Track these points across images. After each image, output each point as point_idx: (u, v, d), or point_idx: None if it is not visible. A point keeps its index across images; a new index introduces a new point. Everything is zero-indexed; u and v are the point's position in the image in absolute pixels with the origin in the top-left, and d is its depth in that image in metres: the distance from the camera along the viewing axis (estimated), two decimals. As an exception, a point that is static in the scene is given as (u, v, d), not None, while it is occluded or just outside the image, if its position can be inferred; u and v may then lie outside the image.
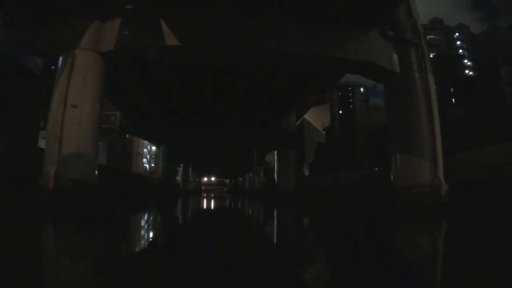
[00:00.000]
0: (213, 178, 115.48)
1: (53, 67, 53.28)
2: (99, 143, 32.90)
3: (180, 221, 10.19)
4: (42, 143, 16.25)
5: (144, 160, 61.93)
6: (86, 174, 9.73)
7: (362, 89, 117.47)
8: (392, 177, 12.09)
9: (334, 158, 34.61)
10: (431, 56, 78.04)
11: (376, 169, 18.21)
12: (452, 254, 4.58)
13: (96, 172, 10.33)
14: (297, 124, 33.22)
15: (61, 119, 9.91)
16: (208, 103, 26.18)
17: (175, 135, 29.85)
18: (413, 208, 11.01)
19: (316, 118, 53.41)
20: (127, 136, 44.78)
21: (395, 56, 12.72)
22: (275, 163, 61.82)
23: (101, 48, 10.95)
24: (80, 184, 9.34)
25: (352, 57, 11.92)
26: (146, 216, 11.30)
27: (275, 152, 58.46)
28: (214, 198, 35.08)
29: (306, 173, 46.96)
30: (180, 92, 23.57)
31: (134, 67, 19.94)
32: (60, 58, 11.08)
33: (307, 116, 48.25)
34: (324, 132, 49.79)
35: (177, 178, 57.04)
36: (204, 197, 38.44)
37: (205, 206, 19.03)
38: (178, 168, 51.95)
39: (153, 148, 53.29)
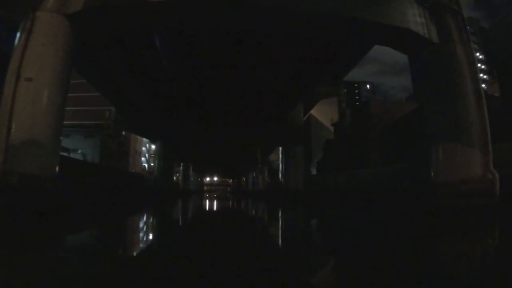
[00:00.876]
0: (215, 178, 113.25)
1: None
2: (92, 140, 30.67)
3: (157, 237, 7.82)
4: None
5: (143, 159, 59.72)
6: (40, 167, 7.47)
7: (368, 86, 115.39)
8: (432, 173, 9.73)
9: (345, 155, 32.23)
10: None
11: (403, 165, 15.87)
12: None
13: (57, 166, 8.02)
14: (304, 118, 30.93)
15: (12, 96, 7.69)
16: (207, 93, 23.98)
17: (172, 130, 27.65)
18: (463, 211, 8.69)
19: (323, 114, 50.99)
20: (123, 133, 42.64)
21: (432, 24, 10.41)
22: (280, 161, 59.39)
23: (67, 9, 8.71)
24: (31, 180, 7.09)
25: (387, 22, 9.60)
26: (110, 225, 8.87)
27: (280, 149, 56.19)
28: (216, 198, 32.83)
29: (313, 171, 44.64)
30: (175, 81, 21.39)
31: (122, 52, 17.80)
32: (20, 25, 8.88)
33: (313, 112, 45.92)
34: (332, 128, 47.47)
35: (179, 177, 55.18)
36: (206, 197, 36.15)
37: (203, 210, 16.77)
38: (179, 167, 49.81)
39: (153, 146, 51.13)
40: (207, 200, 26.67)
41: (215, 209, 16.46)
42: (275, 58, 18.25)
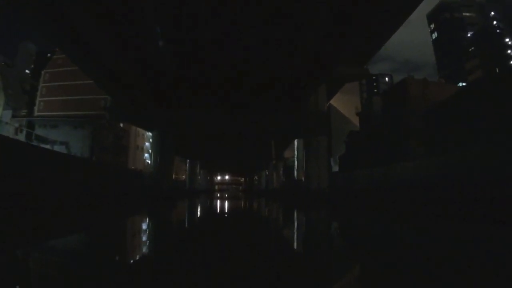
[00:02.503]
0: (227, 177, 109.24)
1: (48, 54, 47.45)
2: (82, 132, 26.62)
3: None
4: None
5: (146, 155, 55.70)
6: None
7: (387, 78, 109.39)
8: None
9: (376, 148, 27.58)
10: (469, 35, 69.82)
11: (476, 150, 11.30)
12: None
13: None
14: (327, 104, 26.33)
15: None
16: (213, 74, 19.67)
17: (172, 118, 23.41)
18: None
19: (343, 104, 46.33)
20: (121, 125, 38.69)
21: None
22: (295, 158, 54.59)
23: None
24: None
25: None
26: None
27: (296, 145, 51.35)
28: (226, 199, 28.47)
29: (335, 168, 39.97)
30: (174, 59, 17.33)
31: (111, 28, 14.29)
32: None
33: (332, 102, 41.28)
34: (353, 120, 42.69)
35: (182, 176, 51.05)
36: (213, 199, 31.79)
37: (204, 222, 12.48)
38: (185, 164, 45.72)
39: None
40: (212, 204, 22.37)
41: (214, 224, 12.10)
42: (294, 24, 13.94)
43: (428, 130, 22.83)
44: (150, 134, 46.81)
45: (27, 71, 60.03)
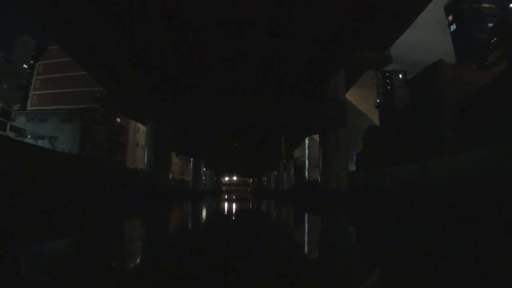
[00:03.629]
0: (234, 178, 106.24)
1: (50, 47, 45.03)
2: (71, 125, 23.86)
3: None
4: None
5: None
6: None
7: (400, 75, 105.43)
8: None
9: (399, 143, 24.35)
10: (490, 26, 66.26)
11: None
12: None
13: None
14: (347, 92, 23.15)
15: None
16: (216, 58, 16.80)
17: (169, 108, 20.51)
18: None
19: (357, 99, 43.01)
20: (118, 120, 35.99)
21: None
22: (306, 157, 51.42)
23: None
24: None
25: None
26: None
27: (306, 143, 48.20)
28: (235, 201, 25.45)
29: (351, 167, 36.69)
30: (170, 44, 14.64)
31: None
32: None
33: (347, 96, 38.08)
34: (366, 116, 39.42)
35: (176, 175, 48.02)
36: (220, 200, 28.85)
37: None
38: (189, 164, 42.80)
39: None
40: (215, 207, 19.53)
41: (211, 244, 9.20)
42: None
43: (467, 120, 19.58)
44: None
45: (25, 65, 57.88)
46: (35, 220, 7.53)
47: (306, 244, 6.39)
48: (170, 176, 52.26)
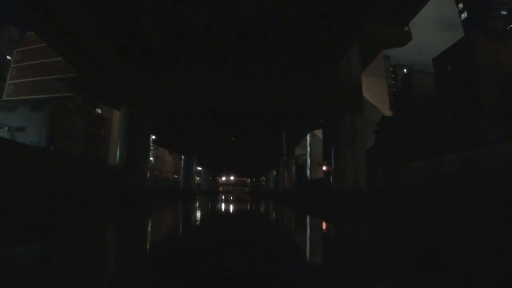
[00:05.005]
0: (232, 178, 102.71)
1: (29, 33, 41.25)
2: (40, 115, 19.63)
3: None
4: None
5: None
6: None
7: (405, 70, 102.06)
8: None
9: (419, 134, 20.86)
10: (503, 13, 62.98)
11: None
12: None
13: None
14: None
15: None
16: (203, 22, 13.28)
17: (147, 89, 16.91)
18: None
19: (366, 89, 39.23)
20: (99, 111, 32.33)
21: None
22: (308, 155, 47.60)
23: None
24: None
25: None
26: None
27: (308, 139, 44.40)
28: (231, 203, 21.88)
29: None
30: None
31: None
32: None
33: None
34: (377, 107, 35.90)
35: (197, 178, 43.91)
36: (214, 202, 25.31)
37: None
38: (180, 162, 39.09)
39: (152, 136, 40.11)
40: (205, 213, 16.04)
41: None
42: None
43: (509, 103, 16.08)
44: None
45: (8, 57, 54.22)
46: None
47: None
48: (166, 176, 48.38)
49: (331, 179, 16.51)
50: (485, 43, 17.94)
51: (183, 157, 37.21)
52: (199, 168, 57.47)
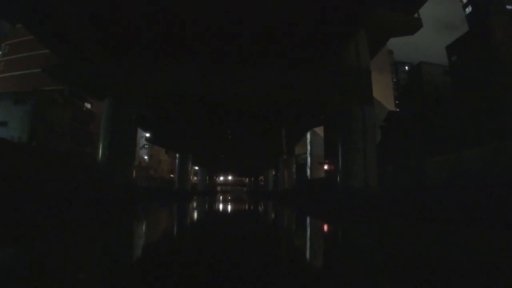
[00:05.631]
0: (230, 177, 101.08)
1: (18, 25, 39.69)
2: (22, 108, 18.17)
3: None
4: None
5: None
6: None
7: (407, 67, 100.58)
8: None
9: (430, 130, 19.33)
10: (508, 8, 61.66)
11: None
12: None
13: None
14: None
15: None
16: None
17: (133, 78, 15.35)
18: None
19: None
20: (89, 106, 30.62)
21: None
22: (308, 154, 45.85)
23: None
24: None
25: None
26: None
27: (308, 138, 42.67)
28: (228, 205, 20.37)
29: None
30: None
31: None
32: None
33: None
34: (382, 104, 34.44)
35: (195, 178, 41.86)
36: (209, 203, 23.80)
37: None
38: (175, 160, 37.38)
39: (147, 134, 38.12)
40: (196, 217, 14.50)
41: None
42: None
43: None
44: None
45: (-1, 52, 52.61)
46: None
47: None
48: (162, 176, 46.61)
49: (338, 178, 14.91)
50: (504, 27, 16.45)
51: (177, 155, 35.60)
52: (197, 168, 55.90)
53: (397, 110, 33.22)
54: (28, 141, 20.50)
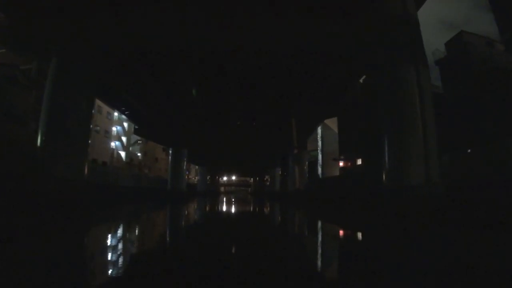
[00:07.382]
0: (233, 177, 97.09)
1: None
2: None
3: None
4: None
5: (115, 143, 42.95)
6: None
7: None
8: None
9: (491, 108, 15.04)
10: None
11: None
12: None
13: None
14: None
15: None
16: None
17: (92, 27, 11.14)
18: None
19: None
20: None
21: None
22: (319, 150, 40.64)
23: None
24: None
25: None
26: None
27: (319, 133, 37.67)
28: (227, 209, 16.20)
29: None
30: None
31: None
32: None
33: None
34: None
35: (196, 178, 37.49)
36: (207, 211, 19.57)
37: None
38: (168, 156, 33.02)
39: (135, 127, 33.57)
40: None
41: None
42: None
43: None
44: (123, 116, 34.53)
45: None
46: None
47: None
48: (159, 175, 42.40)
49: (383, 175, 10.33)
50: None
51: (171, 151, 31.31)
52: (196, 167, 51.84)
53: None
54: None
